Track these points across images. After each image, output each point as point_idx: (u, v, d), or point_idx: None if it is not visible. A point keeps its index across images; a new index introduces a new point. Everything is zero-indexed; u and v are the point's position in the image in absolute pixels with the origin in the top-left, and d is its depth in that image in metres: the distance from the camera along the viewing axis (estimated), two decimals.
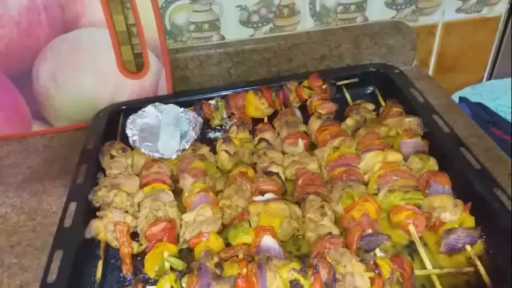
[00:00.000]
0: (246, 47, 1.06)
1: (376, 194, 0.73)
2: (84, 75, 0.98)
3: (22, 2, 0.89)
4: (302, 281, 0.57)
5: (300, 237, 0.71)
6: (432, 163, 0.76)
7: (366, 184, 0.76)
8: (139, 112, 0.92)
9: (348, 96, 0.99)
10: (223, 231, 0.72)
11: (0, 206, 0.85)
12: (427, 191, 0.71)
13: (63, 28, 0.93)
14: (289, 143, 0.86)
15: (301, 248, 0.70)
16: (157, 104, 0.94)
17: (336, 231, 0.67)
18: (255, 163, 0.83)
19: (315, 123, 0.89)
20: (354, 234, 0.65)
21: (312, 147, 0.87)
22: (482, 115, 1.15)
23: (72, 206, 0.72)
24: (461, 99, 1.25)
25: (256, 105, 0.95)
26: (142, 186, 0.78)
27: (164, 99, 0.97)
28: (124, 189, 0.76)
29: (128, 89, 1.01)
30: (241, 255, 0.64)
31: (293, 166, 0.80)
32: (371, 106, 0.94)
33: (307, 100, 0.98)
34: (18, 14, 0.90)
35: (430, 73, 1.25)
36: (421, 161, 0.75)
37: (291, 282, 0.57)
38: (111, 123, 0.94)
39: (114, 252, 0.71)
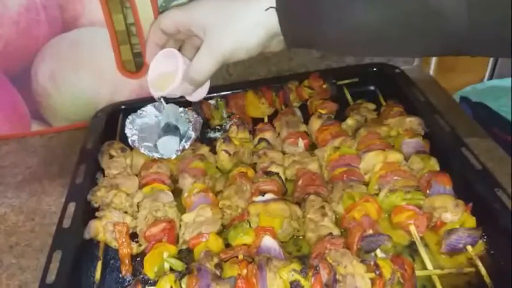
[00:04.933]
0: None
1: (377, 194, 0.73)
2: (83, 74, 0.97)
3: (21, 1, 0.89)
4: (302, 281, 0.56)
5: (301, 237, 0.71)
6: (433, 163, 0.75)
7: (367, 184, 0.76)
8: (139, 112, 0.92)
9: (348, 96, 0.99)
10: (223, 231, 0.72)
11: None
12: (428, 191, 0.71)
13: (62, 28, 0.93)
14: (289, 143, 0.86)
15: (302, 248, 0.70)
16: (156, 103, 0.94)
17: (336, 231, 0.67)
18: (255, 163, 0.83)
19: (315, 123, 0.88)
20: (355, 234, 0.64)
21: (312, 147, 0.87)
22: (484, 115, 1.15)
23: (71, 206, 0.72)
24: (462, 99, 1.25)
25: (256, 105, 0.95)
26: (141, 186, 0.78)
27: (163, 99, 0.96)
28: (123, 190, 0.76)
29: (127, 88, 1.01)
30: (241, 256, 0.63)
31: (293, 166, 0.80)
32: (372, 106, 0.93)
33: (307, 100, 0.98)
34: (17, 14, 0.89)
35: (431, 73, 1.25)
36: (422, 161, 0.75)
37: (291, 283, 0.57)
38: (110, 123, 0.93)
39: (113, 253, 0.71)
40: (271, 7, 0.56)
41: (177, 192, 0.78)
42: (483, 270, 0.61)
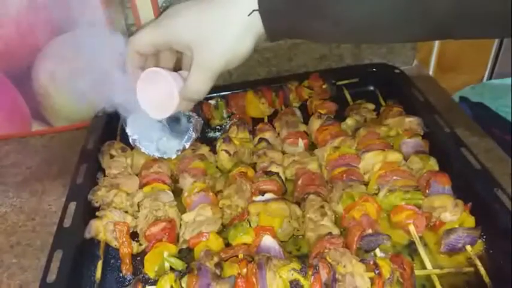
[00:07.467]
0: None
1: (376, 194, 0.73)
2: (83, 74, 0.97)
3: (21, 1, 0.89)
4: (302, 281, 0.57)
5: (300, 237, 0.71)
6: (432, 163, 0.76)
7: (366, 184, 0.76)
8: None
9: (348, 96, 0.99)
10: (223, 231, 0.72)
11: None
12: (427, 191, 0.71)
13: (62, 28, 0.93)
14: (289, 143, 0.86)
15: (301, 248, 0.70)
16: None
17: (336, 231, 0.67)
18: (255, 163, 0.83)
19: (315, 123, 0.88)
20: (354, 234, 0.65)
21: (312, 147, 0.87)
22: (483, 115, 1.15)
23: (72, 206, 0.72)
24: (462, 99, 1.25)
25: (256, 105, 0.95)
26: (142, 186, 0.78)
27: None
28: (124, 189, 0.76)
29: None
30: (241, 255, 0.63)
31: (293, 166, 0.80)
32: (371, 106, 0.94)
33: (307, 100, 0.98)
34: (17, 14, 0.89)
35: (430, 73, 1.25)
36: (422, 161, 0.75)
37: (291, 282, 0.57)
38: (110, 123, 0.93)
39: (114, 252, 0.71)
40: (254, 10, 0.55)
41: (177, 192, 0.78)
42: (482, 270, 0.61)
